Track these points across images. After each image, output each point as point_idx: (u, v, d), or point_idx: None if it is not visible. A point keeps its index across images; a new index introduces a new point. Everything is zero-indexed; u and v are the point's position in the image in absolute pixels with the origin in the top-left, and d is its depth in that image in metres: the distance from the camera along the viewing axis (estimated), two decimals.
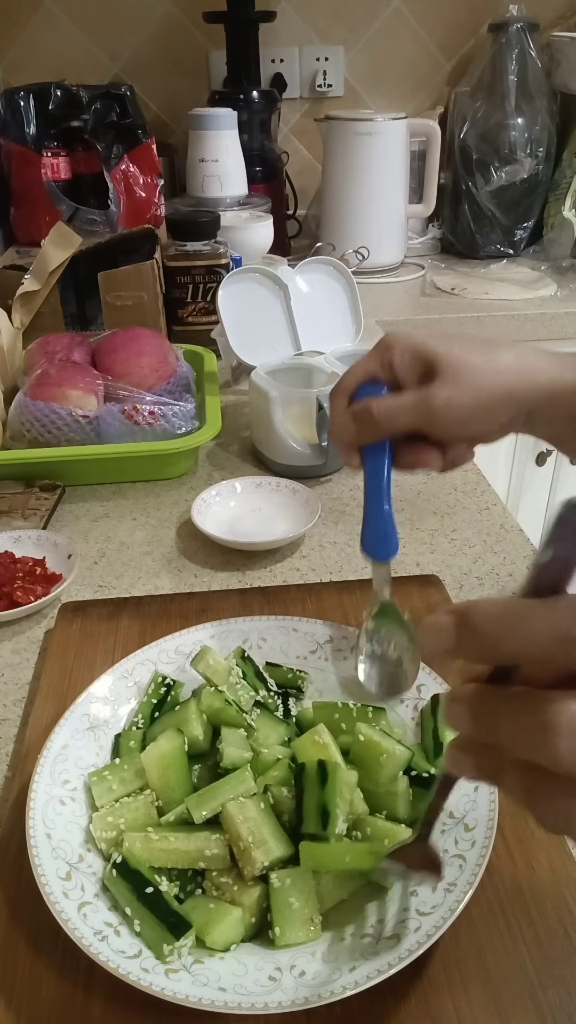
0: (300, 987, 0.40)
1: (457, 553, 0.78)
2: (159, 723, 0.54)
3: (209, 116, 1.40)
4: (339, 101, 1.76)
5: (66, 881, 0.44)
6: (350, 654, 0.60)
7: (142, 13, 1.64)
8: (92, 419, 0.88)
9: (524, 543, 0.80)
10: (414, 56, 1.74)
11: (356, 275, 1.08)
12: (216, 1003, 0.39)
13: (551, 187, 1.65)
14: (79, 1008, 0.41)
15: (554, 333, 1.44)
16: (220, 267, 1.16)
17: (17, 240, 1.48)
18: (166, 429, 0.89)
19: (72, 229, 1.01)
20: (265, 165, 1.59)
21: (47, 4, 1.61)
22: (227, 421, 0.99)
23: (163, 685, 0.57)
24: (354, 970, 0.40)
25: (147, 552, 0.80)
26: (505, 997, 0.41)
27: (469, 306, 1.46)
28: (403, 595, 0.69)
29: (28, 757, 0.54)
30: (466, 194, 1.64)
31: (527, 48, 1.56)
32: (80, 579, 0.76)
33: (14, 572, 0.71)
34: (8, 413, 0.91)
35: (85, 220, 1.23)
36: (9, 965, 0.43)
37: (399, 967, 0.39)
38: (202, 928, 0.43)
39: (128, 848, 0.45)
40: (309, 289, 1.03)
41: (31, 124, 1.39)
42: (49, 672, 0.62)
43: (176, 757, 0.50)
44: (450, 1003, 0.41)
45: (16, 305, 1.02)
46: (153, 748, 0.50)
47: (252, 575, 0.76)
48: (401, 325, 1.41)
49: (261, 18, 1.56)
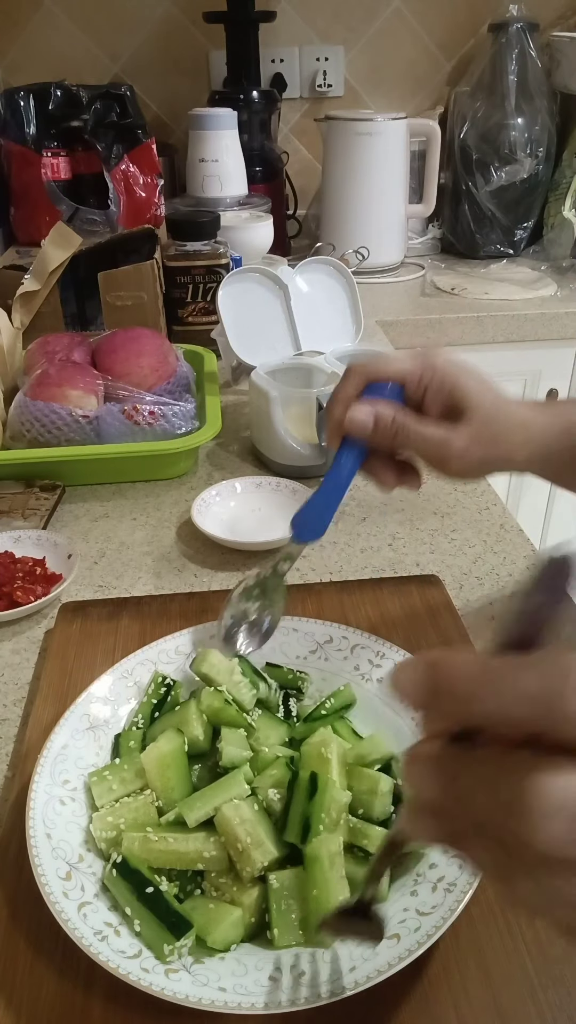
0: (300, 987, 0.40)
1: (457, 553, 0.78)
2: (159, 723, 0.54)
3: (209, 116, 1.40)
4: (339, 101, 1.76)
5: (66, 881, 0.44)
6: (350, 654, 0.60)
7: (142, 13, 1.64)
8: (92, 419, 0.88)
9: (524, 543, 0.80)
10: (414, 56, 1.74)
11: (356, 275, 1.08)
12: (216, 1003, 0.39)
13: (551, 187, 1.65)
14: (79, 1008, 0.41)
15: (554, 333, 1.44)
16: (220, 267, 1.16)
17: (17, 240, 1.48)
18: (166, 429, 0.89)
19: (72, 229, 1.01)
20: (265, 165, 1.59)
21: (47, 4, 1.61)
22: (227, 421, 0.99)
23: (163, 685, 0.57)
24: (354, 970, 0.40)
25: (147, 552, 0.80)
26: (505, 997, 0.41)
27: (469, 306, 1.46)
28: (403, 595, 0.69)
29: (28, 757, 0.54)
30: (466, 194, 1.64)
31: (527, 48, 1.56)
32: (80, 579, 0.76)
33: (14, 572, 0.71)
34: (8, 413, 0.91)
35: (85, 220, 1.23)
36: (9, 965, 0.43)
37: (399, 967, 0.39)
38: (203, 928, 0.43)
39: (128, 847, 0.45)
40: (309, 289, 1.03)
41: (31, 124, 1.39)
42: (49, 672, 0.62)
43: (176, 757, 0.50)
44: (450, 1003, 0.41)
45: (16, 305, 1.02)
46: (153, 748, 0.50)
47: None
48: (401, 325, 1.41)
49: (261, 18, 1.56)
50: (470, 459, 0.53)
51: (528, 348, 1.46)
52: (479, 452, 0.53)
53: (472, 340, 1.44)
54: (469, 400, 0.53)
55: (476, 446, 0.53)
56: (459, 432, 0.52)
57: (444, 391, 0.53)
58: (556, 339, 1.45)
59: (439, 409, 0.53)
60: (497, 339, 1.44)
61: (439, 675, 0.25)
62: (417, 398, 0.54)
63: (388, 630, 0.65)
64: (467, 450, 0.52)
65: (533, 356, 1.47)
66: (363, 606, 0.68)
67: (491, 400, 0.54)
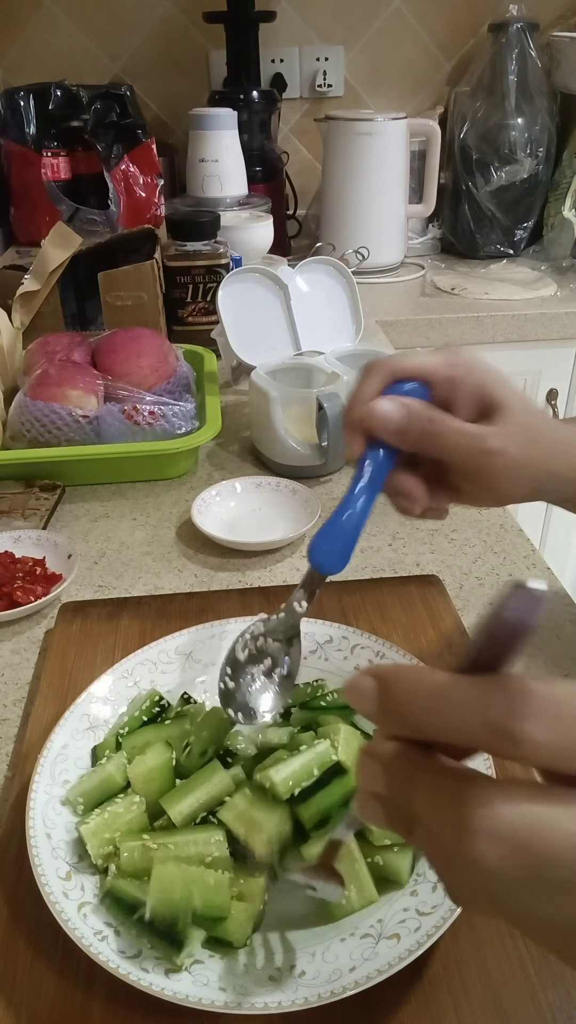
0: (300, 987, 0.40)
1: (457, 553, 0.78)
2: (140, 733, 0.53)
3: (209, 116, 1.40)
4: (339, 101, 1.76)
5: (66, 881, 0.44)
6: (350, 654, 0.60)
7: (142, 13, 1.64)
8: (92, 419, 0.88)
9: (524, 543, 0.80)
10: (414, 56, 1.74)
11: (356, 275, 1.08)
12: (216, 1003, 0.39)
13: (551, 187, 1.65)
14: (79, 1008, 0.41)
15: (554, 333, 1.44)
16: (220, 267, 1.16)
17: (17, 240, 1.48)
18: (166, 429, 0.89)
19: (72, 229, 1.01)
20: (265, 165, 1.59)
21: (47, 4, 1.61)
22: (227, 421, 0.99)
23: (157, 704, 0.55)
24: (354, 970, 0.40)
25: (147, 552, 0.80)
26: (505, 997, 0.41)
27: (469, 306, 1.46)
28: (403, 595, 0.69)
29: (28, 757, 0.54)
30: (466, 194, 1.64)
31: (527, 48, 1.56)
32: (80, 579, 0.76)
33: (14, 572, 0.71)
34: (8, 413, 0.91)
35: (85, 220, 1.23)
36: (9, 965, 0.43)
37: (399, 967, 0.39)
38: (216, 926, 0.42)
39: (128, 859, 0.44)
40: (309, 289, 1.03)
41: (31, 124, 1.39)
42: (49, 672, 0.62)
43: (163, 772, 0.49)
44: (450, 1003, 0.41)
45: (16, 305, 1.02)
46: (140, 762, 0.49)
47: (252, 575, 0.76)
48: (401, 325, 1.41)
49: (261, 18, 1.56)
50: (512, 456, 0.46)
51: (528, 348, 1.46)
52: (521, 450, 0.46)
53: (472, 340, 1.44)
54: (504, 398, 0.47)
55: (516, 444, 0.46)
56: (495, 427, 0.46)
57: (476, 389, 0.47)
58: (556, 339, 1.45)
59: (470, 409, 0.47)
60: (497, 339, 1.44)
61: (389, 691, 0.26)
62: (444, 397, 0.47)
63: (388, 630, 0.65)
64: (506, 447, 0.46)
65: (533, 356, 1.47)
66: (363, 606, 0.68)
67: (527, 403, 0.49)
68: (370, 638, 0.60)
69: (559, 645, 0.66)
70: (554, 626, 0.69)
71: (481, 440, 0.46)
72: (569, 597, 0.72)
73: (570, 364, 1.50)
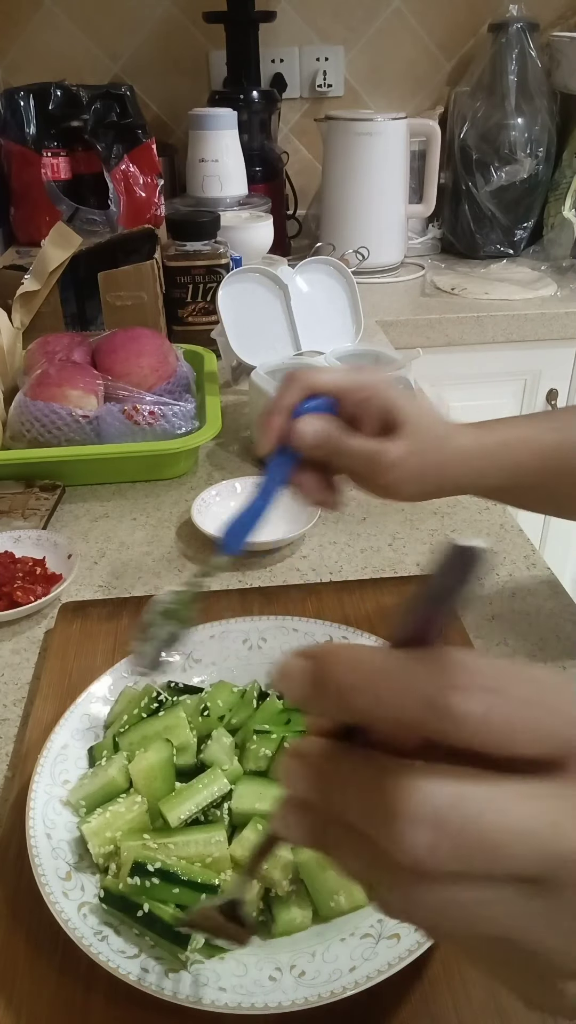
0: (300, 987, 0.40)
1: None
2: (142, 726, 0.53)
3: (209, 116, 1.40)
4: (339, 101, 1.76)
5: (66, 881, 0.44)
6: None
7: (142, 13, 1.64)
8: (92, 419, 0.88)
9: (524, 543, 0.80)
10: (414, 56, 1.74)
11: (356, 275, 1.08)
12: (216, 1003, 0.39)
13: (551, 187, 1.65)
14: (79, 1008, 0.41)
15: (554, 333, 1.44)
16: (220, 267, 1.16)
17: (17, 240, 1.48)
18: (166, 429, 0.89)
19: (72, 229, 1.01)
20: (265, 165, 1.59)
21: (47, 4, 1.61)
22: (227, 421, 0.99)
23: (155, 700, 0.55)
24: (354, 970, 0.40)
25: (147, 552, 0.80)
26: (505, 997, 0.41)
27: (469, 306, 1.46)
28: (403, 595, 0.69)
29: (28, 757, 0.54)
30: (466, 194, 1.64)
31: (527, 48, 1.56)
32: (80, 579, 0.76)
33: (14, 572, 0.71)
34: (8, 413, 0.91)
35: (85, 220, 1.23)
36: (9, 965, 0.43)
37: (399, 967, 0.39)
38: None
39: (127, 858, 0.44)
40: (309, 289, 1.03)
41: (31, 124, 1.39)
42: (49, 672, 0.62)
43: (163, 768, 0.49)
44: (450, 1003, 0.41)
45: (16, 305, 1.02)
46: (141, 759, 0.49)
47: (252, 575, 0.76)
48: (401, 325, 1.41)
49: (261, 18, 1.56)
50: (407, 468, 0.54)
51: (528, 348, 1.46)
52: (416, 462, 0.54)
53: (472, 340, 1.44)
54: (406, 416, 0.54)
55: (413, 456, 0.53)
56: (395, 443, 0.53)
57: (380, 408, 0.54)
58: (556, 339, 1.45)
59: (374, 426, 0.54)
60: (497, 339, 1.44)
61: (323, 666, 0.24)
62: (352, 414, 0.54)
63: (388, 630, 0.65)
64: (403, 459, 0.53)
65: (533, 356, 1.47)
66: (363, 606, 0.68)
67: (428, 418, 0.55)
68: (370, 638, 0.60)
69: (559, 645, 0.67)
70: (554, 626, 0.69)
71: (380, 455, 0.53)
72: (569, 597, 0.72)
73: (570, 364, 1.50)
